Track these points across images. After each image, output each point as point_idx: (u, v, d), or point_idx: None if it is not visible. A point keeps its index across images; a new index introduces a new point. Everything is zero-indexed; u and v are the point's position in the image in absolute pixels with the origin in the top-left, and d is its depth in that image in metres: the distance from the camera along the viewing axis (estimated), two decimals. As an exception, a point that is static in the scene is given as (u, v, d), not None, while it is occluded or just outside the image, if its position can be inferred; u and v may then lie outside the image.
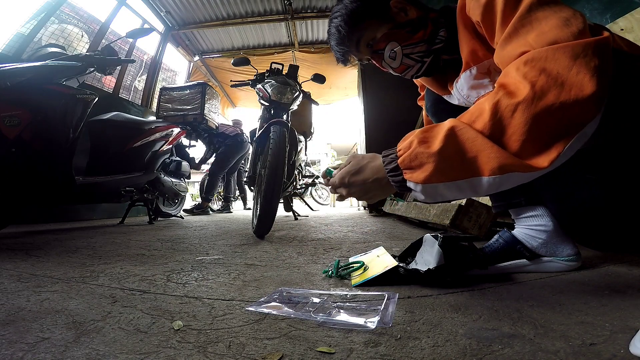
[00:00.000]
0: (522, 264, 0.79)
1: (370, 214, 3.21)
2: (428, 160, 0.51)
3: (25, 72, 1.53)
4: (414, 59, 0.78)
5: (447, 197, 0.54)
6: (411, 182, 0.54)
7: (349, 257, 1.05)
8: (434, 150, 0.50)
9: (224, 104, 6.17)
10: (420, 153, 0.52)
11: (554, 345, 0.41)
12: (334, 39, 0.83)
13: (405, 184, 0.55)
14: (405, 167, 0.54)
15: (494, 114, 0.48)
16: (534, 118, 0.45)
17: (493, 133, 0.48)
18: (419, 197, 0.55)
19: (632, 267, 0.78)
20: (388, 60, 0.79)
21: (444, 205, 1.47)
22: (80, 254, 1.15)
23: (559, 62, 0.45)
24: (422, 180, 0.52)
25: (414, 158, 0.53)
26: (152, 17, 4.07)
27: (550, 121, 0.45)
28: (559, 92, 0.44)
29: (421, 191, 0.53)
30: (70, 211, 2.82)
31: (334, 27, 0.81)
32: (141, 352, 0.42)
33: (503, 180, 0.48)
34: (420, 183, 0.52)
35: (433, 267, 0.72)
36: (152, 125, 2.52)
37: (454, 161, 0.50)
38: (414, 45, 0.77)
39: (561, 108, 0.45)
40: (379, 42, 0.78)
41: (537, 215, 0.78)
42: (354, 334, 0.47)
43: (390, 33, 0.77)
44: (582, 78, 0.44)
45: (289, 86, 1.94)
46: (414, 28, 0.76)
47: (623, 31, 1.31)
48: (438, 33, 0.76)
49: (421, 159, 0.52)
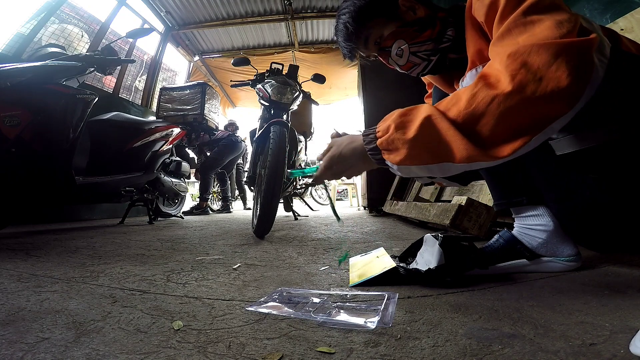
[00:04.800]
0: (522, 264, 0.79)
1: (370, 214, 3.21)
2: (403, 146, 0.57)
3: (25, 72, 1.53)
4: (421, 57, 0.79)
5: (420, 175, 0.61)
6: (388, 161, 0.60)
7: (349, 257, 1.05)
8: (409, 138, 0.55)
9: (224, 104, 6.17)
10: (397, 139, 0.57)
11: (554, 345, 0.41)
12: (341, 35, 0.83)
13: (384, 162, 0.61)
14: (384, 148, 0.60)
15: (469, 104, 0.51)
16: (508, 110, 0.48)
17: (465, 123, 0.51)
18: (396, 172, 0.62)
19: (632, 267, 0.78)
20: (395, 57, 0.80)
21: (444, 205, 1.47)
22: (80, 254, 1.15)
23: (540, 58, 0.47)
24: (398, 162, 0.58)
25: (391, 142, 0.58)
26: (152, 17, 4.07)
27: (523, 114, 0.48)
28: (536, 87, 0.47)
29: (397, 170, 0.60)
30: (70, 211, 2.82)
31: (342, 24, 0.82)
32: (141, 352, 0.42)
33: (470, 167, 0.54)
34: (396, 164, 0.59)
35: (433, 267, 0.72)
36: (152, 125, 2.51)
37: (426, 149, 0.55)
38: (421, 44, 0.77)
39: (536, 102, 0.47)
40: (386, 39, 0.79)
41: (538, 215, 0.78)
42: (354, 334, 0.47)
43: (397, 31, 0.77)
44: (559, 75, 0.46)
45: (289, 86, 1.94)
46: (421, 27, 0.77)
47: (623, 31, 1.31)
48: (446, 32, 0.77)
49: (397, 144, 0.57)
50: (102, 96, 2.12)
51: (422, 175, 0.60)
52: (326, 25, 4.59)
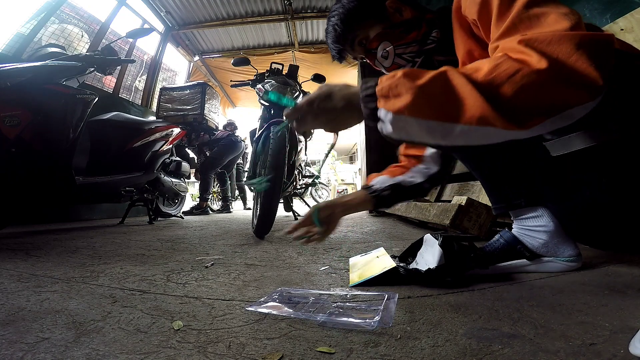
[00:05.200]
0: (523, 264, 0.79)
1: (370, 214, 3.21)
2: (408, 92, 0.49)
3: (25, 72, 1.53)
4: (406, 59, 0.79)
5: (413, 137, 0.53)
6: (383, 110, 0.52)
7: (349, 257, 1.05)
8: (417, 84, 0.49)
9: (224, 104, 6.17)
10: (403, 83, 0.50)
11: (554, 345, 0.41)
12: (331, 37, 0.85)
13: (376, 113, 0.53)
14: (383, 94, 0.52)
15: (491, 71, 0.47)
16: (532, 85, 0.46)
17: (485, 87, 0.47)
18: (387, 128, 0.53)
19: (632, 267, 0.78)
20: (380, 59, 0.81)
21: (444, 205, 1.47)
22: (80, 254, 1.15)
23: (563, 47, 0.46)
24: (396, 109, 0.50)
25: (394, 87, 0.51)
26: (152, 17, 4.07)
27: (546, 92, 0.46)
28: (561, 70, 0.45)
29: (390, 121, 0.51)
30: (70, 211, 2.82)
31: (331, 26, 0.83)
32: (141, 352, 0.42)
33: (477, 133, 0.48)
34: (392, 112, 0.51)
35: (433, 267, 0.72)
36: (152, 125, 2.51)
37: (435, 100, 0.49)
38: (406, 46, 0.78)
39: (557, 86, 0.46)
40: (372, 41, 0.80)
41: (538, 216, 0.78)
42: (354, 334, 0.47)
43: (383, 33, 0.78)
44: (583, 66, 0.45)
45: (289, 86, 1.95)
46: (407, 28, 0.77)
47: (623, 31, 1.31)
48: (431, 34, 0.77)
49: (401, 89, 0.50)
50: (102, 96, 2.12)
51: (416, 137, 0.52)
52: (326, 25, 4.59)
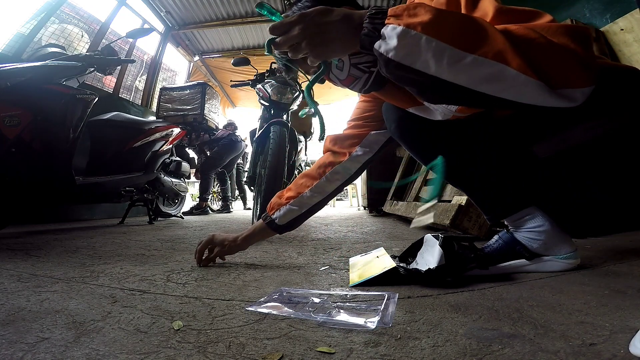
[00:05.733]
0: (522, 264, 0.79)
1: (370, 214, 3.21)
2: (427, 13, 0.44)
3: (25, 72, 1.53)
4: (361, 69, 0.71)
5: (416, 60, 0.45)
6: (390, 26, 0.45)
7: (349, 257, 1.05)
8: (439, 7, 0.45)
9: (224, 104, 6.17)
10: (423, 6, 0.45)
11: (554, 345, 0.41)
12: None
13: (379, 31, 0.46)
14: (396, 14, 0.45)
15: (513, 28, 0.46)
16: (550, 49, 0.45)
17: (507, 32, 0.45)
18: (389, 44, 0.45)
19: (632, 267, 0.78)
20: (335, 71, 0.74)
21: (444, 205, 1.47)
22: (80, 254, 1.15)
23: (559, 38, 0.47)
24: (408, 23, 0.43)
25: (412, 8, 0.45)
26: (152, 17, 4.07)
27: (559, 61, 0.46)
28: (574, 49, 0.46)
29: (397, 35, 0.44)
30: (70, 211, 2.82)
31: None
32: (141, 352, 0.42)
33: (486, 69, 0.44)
34: (404, 25, 0.44)
35: (433, 267, 0.72)
36: (152, 125, 2.51)
37: (454, 25, 0.44)
38: (362, 54, 0.69)
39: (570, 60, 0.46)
40: None
41: (532, 217, 0.78)
42: (354, 334, 0.47)
43: None
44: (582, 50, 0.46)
45: (289, 86, 1.95)
46: None
47: (623, 31, 1.31)
48: None
49: (419, 10, 0.44)
50: (102, 96, 2.12)
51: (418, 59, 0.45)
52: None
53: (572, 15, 1.88)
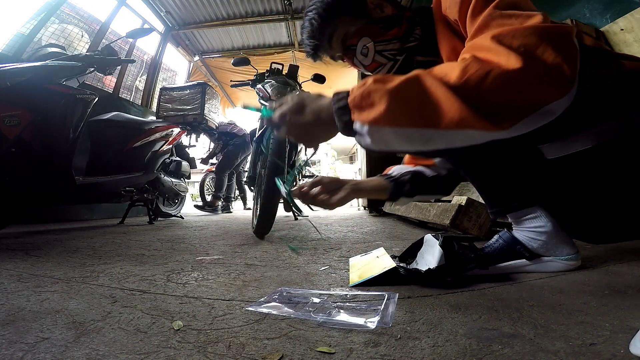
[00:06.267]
0: (522, 264, 0.79)
1: (370, 214, 3.21)
2: (381, 100, 0.47)
3: (25, 72, 1.53)
4: (386, 56, 0.76)
5: (394, 147, 0.51)
6: (358, 122, 0.50)
7: (349, 257, 1.05)
8: (389, 88, 0.47)
9: (224, 104, 6.16)
10: (374, 90, 0.48)
11: (554, 345, 0.41)
12: (306, 32, 0.81)
13: (352, 126, 0.51)
14: (355, 105, 0.50)
15: (463, 74, 0.46)
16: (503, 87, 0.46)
17: (460, 89, 0.46)
18: (365, 141, 0.51)
19: (632, 267, 0.78)
20: (360, 56, 0.78)
21: (444, 205, 1.47)
22: (80, 254, 1.15)
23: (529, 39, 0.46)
24: (370, 120, 0.48)
25: (367, 96, 0.49)
26: (152, 17, 4.07)
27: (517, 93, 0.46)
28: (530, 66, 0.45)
29: (367, 133, 0.50)
30: (70, 211, 2.82)
31: (308, 20, 0.80)
32: (141, 352, 0.42)
33: (458, 137, 0.47)
34: (368, 124, 0.49)
35: (434, 267, 0.72)
36: (152, 125, 2.51)
37: (409, 105, 0.47)
38: (387, 42, 0.75)
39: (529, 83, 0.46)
40: (351, 37, 0.77)
41: (535, 216, 0.78)
42: (354, 334, 0.47)
43: (363, 28, 0.76)
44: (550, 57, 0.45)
45: (289, 86, 1.94)
46: (388, 24, 0.75)
47: (623, 31, 1.31)
48: (413, 31, 0.76)
49: (374, 97, 0.48)
50: (102, 96, 2.12)
51: (396, 146, 0.50)
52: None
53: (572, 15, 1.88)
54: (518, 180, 0.78)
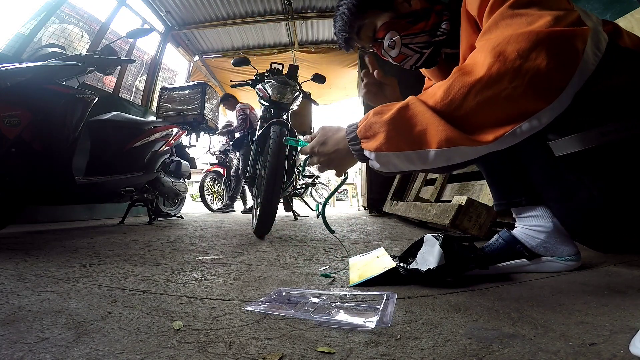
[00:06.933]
0: (522, 264, 0.79)
1: (370, 214, 3.21)
2: (380, 130, 0.55)
3: (25, 72, 1.53)
4: (413, 49, 0.79)
5: (400, 168, 0.57)
6: (366, 150, 0.58)
7: (349, 257, 1.05)
8: (385, 119, 0.54)
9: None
10: (374, 122, 0.56)
11: (554, 345, 0.41)
12: (338, 25, 0.85)
13: (364, 153, 0.59)
14: (363, 136, 0.58)
15: (447, 94, 0.50)
16: (486, 100, 0.47)
17: (442, 109, 0.50)
18: (375, 165, 0.59)
19: (632, 267, 0.78)
20: (387, 49, 0.81)
21: (444, 205, 1.47)
22: (80, 254, 1.15)
23: (518, 46, 0.46)
24: (375, 148, 0.56)
25: (369, 127, 0.57)
26: (152, 17, 4.07)
27: (502, 103, 0.47)
28: (514, 76, 0.46)
29: (375, 159, 0.57)
30: (70, 211, 2.82)
31: (339, 14, 0.84)
32: (141, 352, 0.42)
33: (451, 153, 0.51)
34: (374, 151, 0.56)
35: (434, 267, 0.72)
36: (152, 125, 2.51)
37: (403, 131, 0.53)
38: (413, 36, 0.78)
39: (513, 93, 0.46)
40: (379, 30, 0.80)
41: (537, 215, 0.78)
42: (353, 334, 0.47)
43: (390, 22, 0.78)
44: (539, 64, 0.45)
45: (289, 86, 1.94)
46: (415, 19, 0.78)
47: (623, 31, 1.30)
48: (440, 25, 0.77)
49: (374, 128, 0.56)
50: (102, 96, 2.12)
51: (403, 167, 0.57)
52: (326, 25, 4.58)
53: (572, 15, 1.87)
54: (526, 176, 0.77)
